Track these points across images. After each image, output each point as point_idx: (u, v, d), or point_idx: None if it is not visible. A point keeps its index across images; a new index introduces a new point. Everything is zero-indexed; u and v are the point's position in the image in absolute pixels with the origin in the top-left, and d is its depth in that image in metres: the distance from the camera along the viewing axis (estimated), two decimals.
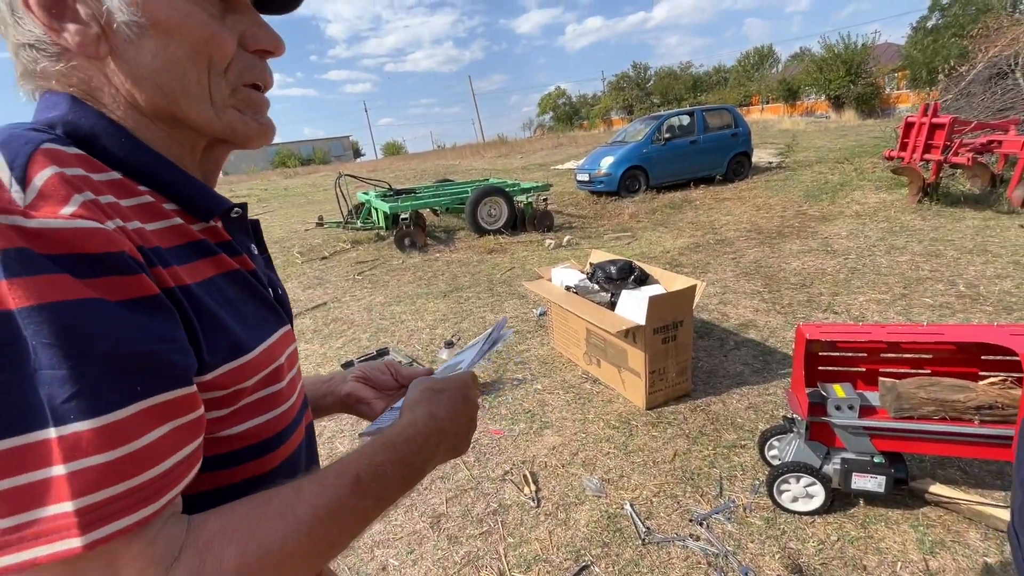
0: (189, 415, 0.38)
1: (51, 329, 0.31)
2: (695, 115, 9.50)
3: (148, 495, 0.34)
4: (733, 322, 3.51)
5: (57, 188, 0.34)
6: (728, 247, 5.42)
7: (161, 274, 0.39)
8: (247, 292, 0.49)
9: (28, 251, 0.32)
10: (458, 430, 0.55)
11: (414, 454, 0.49)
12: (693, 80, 46.17)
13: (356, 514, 0.44)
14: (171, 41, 0.44)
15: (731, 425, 2.38)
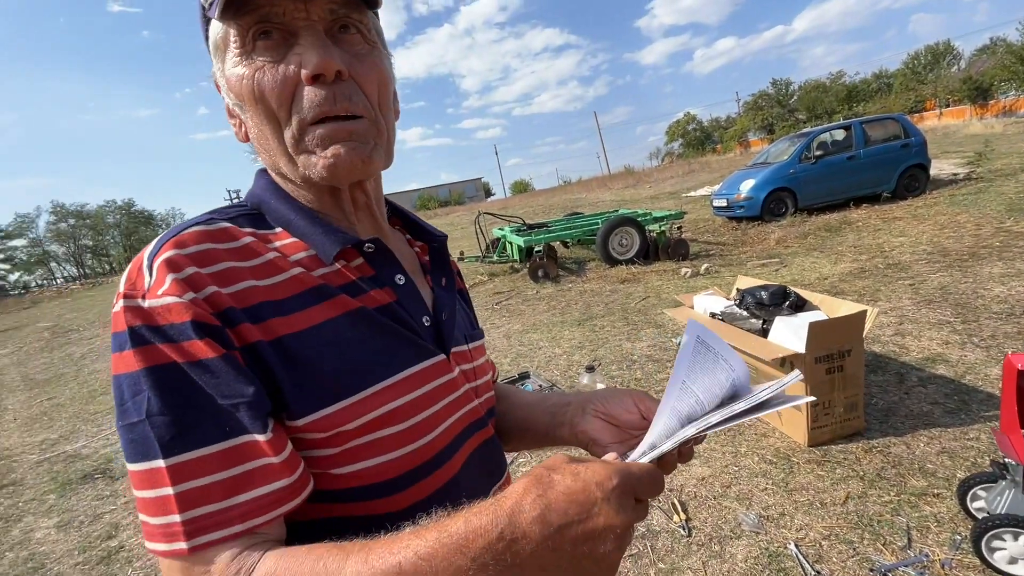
0: (257, 460, 0.42)
1: (151, 387, 0.41)
2: (852, 128, 8.56)
3: (230, 518, 0.41)
4: (915, 355, 3.06)
5: (162, 271, 0.43)
6: (903, 272, 4.74)
7: (247, 330, 0.44)
8: (372, 329, 0.50)
9: (141, 328, 0.42)
10: (569, 545, 0.36)
11: (475, 553, 0.35)
12: (847, 90, 41.47)
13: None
14: (249, 109, 0.49)
15: (919, 470, 2.08)
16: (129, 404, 0.41)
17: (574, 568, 0.36)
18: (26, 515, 2.93)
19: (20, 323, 13.49)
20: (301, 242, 0.51)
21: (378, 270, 0.54)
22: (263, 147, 0.51)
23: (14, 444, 4.19)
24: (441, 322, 0.57)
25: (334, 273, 0.50)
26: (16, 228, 51.15)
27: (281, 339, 0.45)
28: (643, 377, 3.39)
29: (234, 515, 0.41)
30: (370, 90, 0.50)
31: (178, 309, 0.42)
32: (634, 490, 0.37)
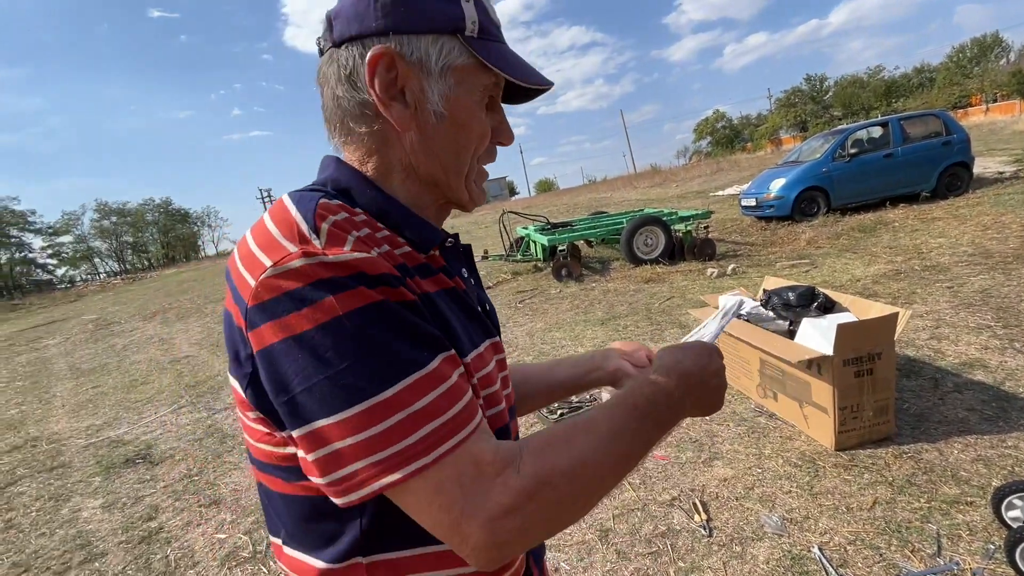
0: (461, 377, 0.48)
1: (357, 328, 0.42)
2: (889, 125, 8.28)
3: (464, 419, 0.46)
4: (951, 360, 2.96)
5: (336, 233, 0.46)
6: (941, 274, 4.57)
7: (414, 284, 0.50)
8: (461, 307, 0.57)
9: (338, 277, 0.43)
10: (705, 382, 0.61)
11: (671, 390, 0.57)
12: (885, 86, 39.99)
13: (640, 435, 0.53)
14: (460, 132, 0.57)
15: (951, 478, 2.02)
16: (330, 355, 0.42)
17: (708, 396, 0.62)
18: (74, 495, 3.11)
19: (67, 315, 14.19)
20: (392, 231, 0.54)
21: (449, 263, 0.60)
22: (437, 156, 0.58)
23: (63, 429, 4.43)
24: (488, 311, 0.65)
25: (431, 259, 0.57)
26: (63, 225, 53.71)
27: (430, 295, 0.53)
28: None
29: (463, 417, 0.46)
30: None
31: (375, 262, 0.45)
32: (718, 351, 0.66)
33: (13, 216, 47.11)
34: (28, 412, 5.18)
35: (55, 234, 52.83)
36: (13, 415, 5.16)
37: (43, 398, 5.65)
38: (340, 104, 0.56)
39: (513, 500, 0.44)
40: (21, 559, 2.51)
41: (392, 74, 0.53)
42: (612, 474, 0.51)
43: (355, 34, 0.53)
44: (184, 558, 2.32)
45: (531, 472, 0.45)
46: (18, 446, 4.15)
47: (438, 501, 0.43)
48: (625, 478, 0.56)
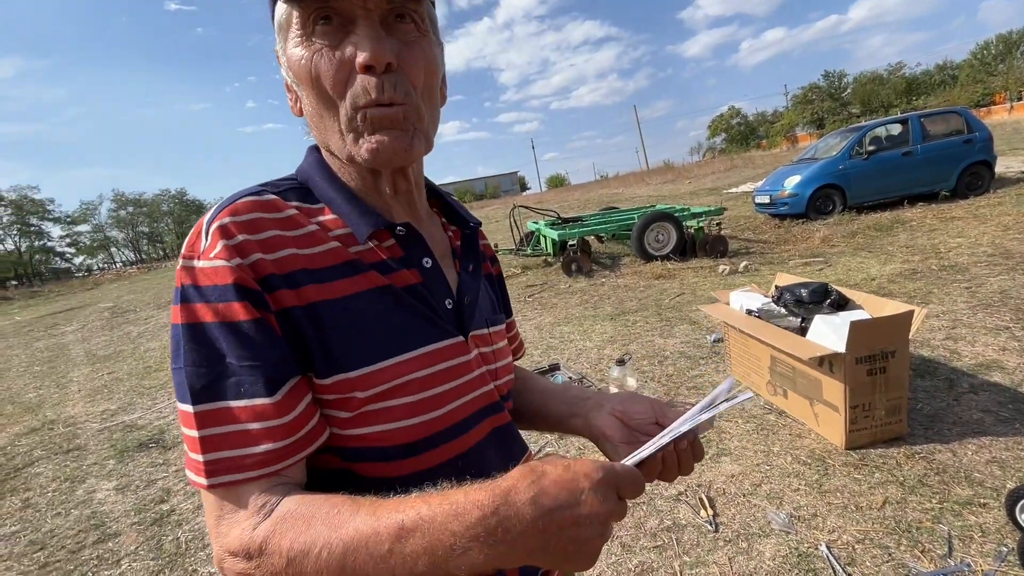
0: (262, 421, 0.46)
1: (186, 340, 0.46)
2: (909, 122, 8.12)
3: (244, 465, 0.45)
4: (967, 361, 2.91)
5: (215, 236, 0.47)
6: (959, 274, 4.49)
7: (284, 295, 0.48)
8: (396, 306, 0.53)
9: (189, 287, 0.47)
10: (555, 528, 0.39)
11: (470, 523, 0.39)
12: (906, 83, 39.22)
13: (391, 558, 0.40)
14: (305, 88, 0.52)
15: (964, 479, 1.99)
16: (175, 352, 0.47)
17: (558, 551, 0.40)
18: (89, 477, 3.17)
19: (84, 303, 14.45)
20: (340, 219, 0.54)
21: (407, 252, 0.57)
22: (316, 124, 0.54)
23: (79, 413, 4.52)
24: (463, 305, 0.60)
25: (367, 251, 0.54)
26: (81, 215, 54.59)
27: (314, 304, 0.49)
28: (675, 373, 3.36)
29: (248, 463, 0.46)
30: (416, 79, 0.52)
31: (223, 272, 0.46)
32: (617, 486, 0.42)
33: (33, 205, 47.98)
34: (46, 396, 5.29)
35: (73, 223, 53.73)
36: (31, 399, 5.28)
37: (60, 383, 5.77)
38: None
39: (241, 549, 0.44)
40: (37, 538, 2.57)
41: (283, 71, 0.56)
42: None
43: None
44: (195, 540, 2.36)
45: (261, 535, 0.43)
46: (36, 428, 4.24)
47: (207, 513, 0.48)
48: None
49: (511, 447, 0.65)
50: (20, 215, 46.96)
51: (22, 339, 9.65)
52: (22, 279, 39.49)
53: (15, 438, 4.08)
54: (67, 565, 2.31)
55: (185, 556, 2.26)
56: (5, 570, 2.34)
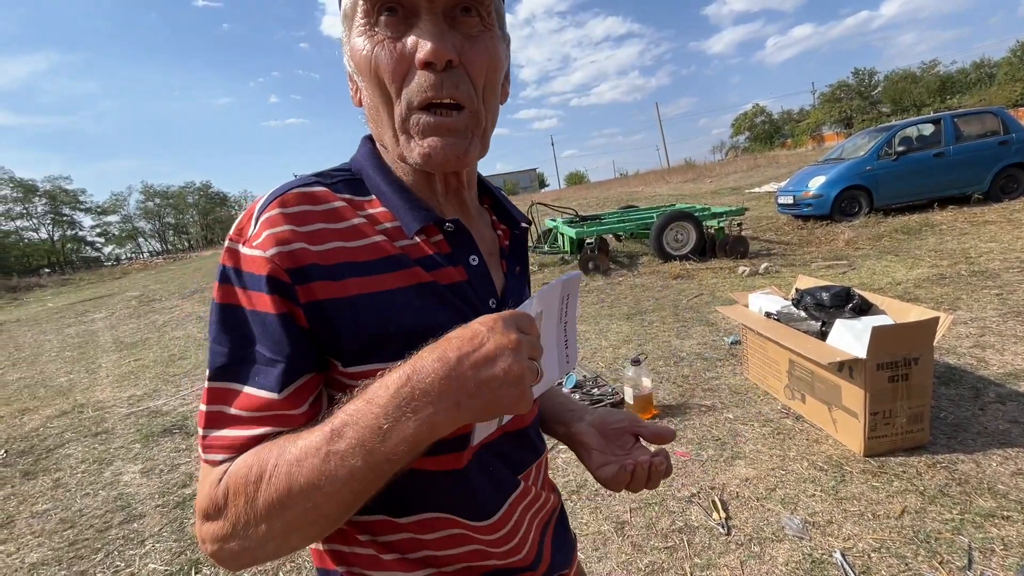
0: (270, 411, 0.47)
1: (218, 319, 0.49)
2: (942, 122, 7.87)
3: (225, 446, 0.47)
4: (995, 370, 2.83)
5: (264, 225, 0.48)
6: (990, 280, 4.35)
7: (324, 287, 0.48)
8: (438, 303, 0.53)
9: (231, 269, 0.48)
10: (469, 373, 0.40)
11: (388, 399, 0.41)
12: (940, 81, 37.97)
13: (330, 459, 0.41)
14: (365, 80, 0.51)
15: (987, 491, 1.94)
16: (211, 326, 0.50)
17: (483, 394, 0.41)
18: (116, 460, 3.29)
19: (112, 291, 14.90)
20: (389, 212, 0.54)
21: (455, 249, 0.56)
22: (372, 117, 0.55)
23: (107, 398, 4.67)
24: (507, 307, 0.58)
25: (413, 246, 0.54)
26: (111, 205, 56.16)
27: (354, 297, 0.49)
28: (691, 374, 3.33)
29: (239, 443, 0.47)
30: (477, 77, 0.51)
31: (260, 262, 0.47)
32: (515, 321, 0.43)
33: (66, 195, 49.50)
34: (76, 380, 5.49)
35: (103, 213, 55.30)
36: (63, 383, 5.48)
37: (90, 368, 5.97)
38: None
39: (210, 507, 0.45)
40: (67, 516, 2.67)
41: (346, 58, 0.56)
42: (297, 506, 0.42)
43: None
44: None
45: (224, 482, 0.45)
46: (66, 411, 4.40)
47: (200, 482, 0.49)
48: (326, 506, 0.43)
49: (533, 443, 0.67)
50: (54, 205, 48.52)
51: (54, 325, 10.00)
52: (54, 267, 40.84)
53: (47, 420, 4.24)
54: (95, 543, 2.41)
55: None
56: (37, 546, 2.44)
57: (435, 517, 0.55)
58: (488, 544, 0.58)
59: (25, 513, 2.76)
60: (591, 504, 2.20)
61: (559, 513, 0.71)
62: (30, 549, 2.42)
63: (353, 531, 0.56)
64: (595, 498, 2.23)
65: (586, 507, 2.18)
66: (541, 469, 0.69)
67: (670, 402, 2.99)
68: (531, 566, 0.63)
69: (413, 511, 0.55)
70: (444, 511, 0.55)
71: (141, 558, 2.26)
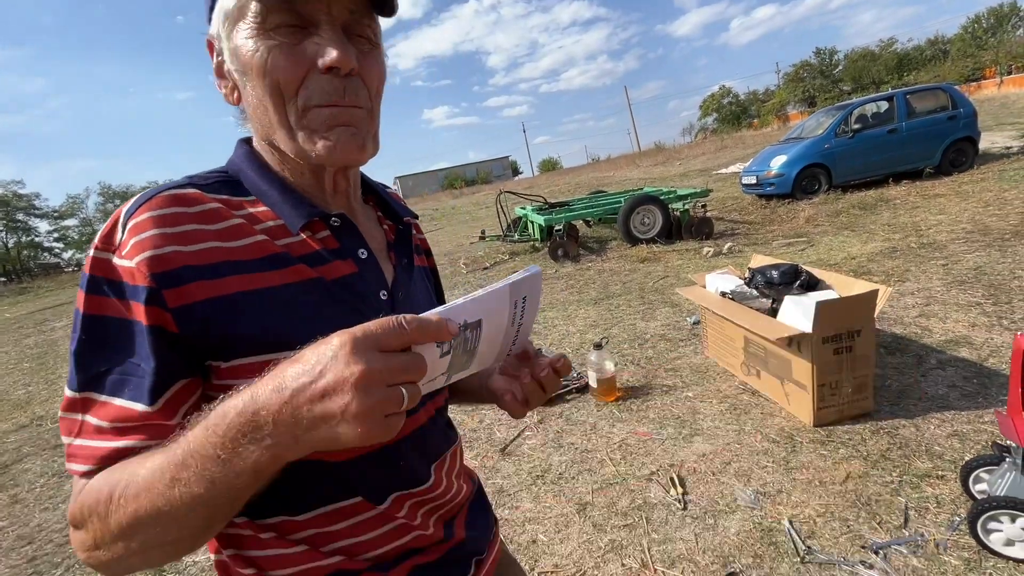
0: (134, 422, 0.47)
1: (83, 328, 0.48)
2: (895, 99, 8.12)
3: (91, 457, 0.47)
4: (938, 338, 2.97)
5: (131, 232, 0.48)
6: (937, 251, 4.54)
7: (199, 287, 0.48)
8: (324, 298, 0.54)
9: (98, 278, 0.48)
10: (305, 404, 0.37)
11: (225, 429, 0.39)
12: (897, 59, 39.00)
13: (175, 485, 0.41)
14: (253, 80, 0.52)
15: (925, 452, 2.05)
16: (73, 335, 0.49)
17: (317, 428, 0.37)
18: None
19: (73, 298, 14.34)
20: (271, 211, 0.55)
21: (342, 243, 0.57)
22: (259, 117, 0.54)
23: None
24: (397, 298, 0.61)
25: (298, 243, 0.54)
26: (68, 208, 53.78)
27: (234, 295, 0.49)
28: (654, 356, 3.40)
29: (101, 454, 0.47)
30: (371, 86, 0.55)
31: (129, 271, 0.47)
32: (367, 344, 0.37)
33: (19, 200, 47.23)
34: (34, 393, 5.30)
35: (60, 217, 52.92)
36: (20, 396, 5.28)
37: (49, 379, 5.77)
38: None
39: (74, 517, 0.46)
40: (25, 532, 2.60)
41: (218, 57, 0.56)
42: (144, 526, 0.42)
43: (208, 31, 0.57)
44: None
45: (82, 498, 0.45)
46: (24, 425, 4.26)
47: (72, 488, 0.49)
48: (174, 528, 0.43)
49: (446, 430, 0.69)
50: (6, 211, 46.27)
51: (12, 336, 9.60)
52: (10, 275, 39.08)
53: (3, 435, 4.10)
54: (54, 558, 2.35)
55: None
56: None
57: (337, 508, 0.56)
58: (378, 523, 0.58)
59: None
60: (554, 488, 2.24)
61: (472, 500, 0.73)
62: None
63: (256, 532, 0.55)
64: (559, 482, 2.28)
65: (549, 491, 2.22)
66: (456, 458, 0.70)
67: (634, 383, 3.06)
68: (443, 539, 0.64)
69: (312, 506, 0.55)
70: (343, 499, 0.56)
71: None
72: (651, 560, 1.77)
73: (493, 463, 2.51)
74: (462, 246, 9.45)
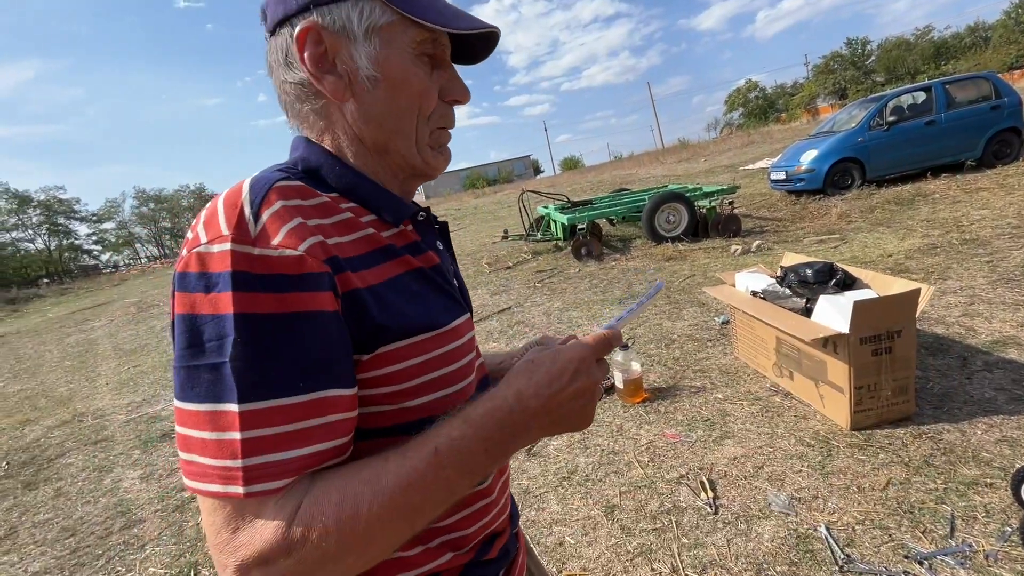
0: (334, 415, 0.45)
1: (241, 332, 0.42)
2: (933, 90, 7.79)
3: (289, 469, 0.42)
4: (983, 338, 2.84)
5: (273, 222, 0.45)
6: (981, 248, 4.34)
7: (350, 278, 0.48)
8: (430, 286, 0.57)
9: (248, 274, 0.42)
10: (557, 407, 0.50)
11: (493, 428, 0.48)
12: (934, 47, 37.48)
13: (438, 483, 0.46)
14: (397, 93, 0.56)
15: (972, 459, 1.96)
16: (209, 345, 0.42)
17: (563, 422, 0.52)
18: (115, 467, 3.32)
19: (111, 298, 14.92)
20: (361, 207, 0.55)
21: (423, 236, 0.61)
22: (382, 123, 0.56)
23: (107, 405, 4.71)
24: (462, 286, 0.66)
25: (397, 235, 0.57)
26: (106, 212, 55.99)
27: (373, 286, 0.50)
28: (681, 356, 3.34)
29: (294, 466, 0.43)
30: None
31: (297, 261, 0.44)
32: (597, 355, 0.54)
33: (61, 205, 49.35)
34: (76, 389, 5.52)
35: (98, 221, 55.10)
36: (63, 392, 5.51)
37: (89, 376, 6.01)
38: (286, 88, 0.57)
39: (277, 549, 0.40)
40: (69, 524, 2.71)
41: (320, 48, 0.53)
42: (396, 526, 0.45)
43: (282, 16, 0.54)
44: None
45: (302, 522, 0.41)
46: (67, 421, 4.44)
47: (209, 521, 0.43)
48: (420, 526, 0.48)
49: None
50: (49, 215, 48.38)
51: (54, 335, 10.03)
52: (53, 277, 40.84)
53: (48, 430, 4.28)
54: (96, 550, 2.44)
55: (204, 541, 2.36)
56: (40, 555, 2.48)
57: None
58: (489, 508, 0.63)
59: (27, 523, 2.80)
60: (581, 490, 2.22)
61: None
62: (32, 558, 2.45)
63: None
64: (585, 484, 2.26)
65: (576, 493, 2.20)
66: None
67: (661, 384, 3.01)
68: (511, 526, 0.69)
69: None
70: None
71: (141, 562, 2.29)
72: (682, 565, 1.73)
73: (519, 463, 2.50)
74: (485, 246, 9.46)
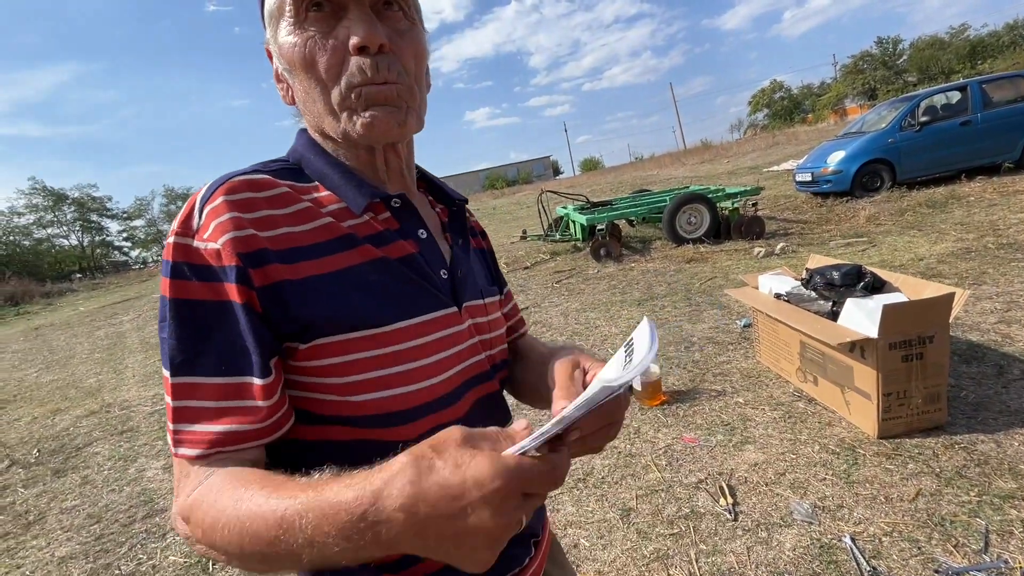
0: (245, 400, 0.48)
1: (173, 314, 0.48)
2: (968, 89, 7.52)
3: (203, 441, 0.47)
4: (1021, 346, 2.71)
5: (210, 216, 0.49)
6: (1019, 252, 4.17)
7: (276, 270, 0.49)
8: (392, 277, 0.55)
9: (182, 264, 0.48)
10: (436, 536, 0.35)
11: (341, 524, 0.36)
12: (970, 46, 36.24)
13: (277, 545, 0.39)
14: (299, 74, 0.54)
15: (1008, 471, 1.87)
16: (161, 323, 0.49)
17: (442, 554, 0.36)
18: (140, 457, 3.40)
19: (140, 294, 15.34)
20: (334, 195, 0.56)
21: (403, 224, 0.59)
22: (308, 108, 0.56)
23: (133, 397, 4.83)
24: (456, 277, 0.62)
25: (362, 224, 0.55)
26: (136, 210, 57.64)
27: (308, 278, 0.50)
28: (701, 359, 3.28)
29: (207, 438, 0.47)
30: (408, 63, 0.55)
31: (216, 253, 0.48)
32: (522, 489, 0.36)
33: (94, 202, 51.00)
34: (104, 381, 5.68)
35: (129, 218, 56.66)
36: (92, 384, 5.68)
37: (117, 369, 6.17)
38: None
39: (180, 512, 0.47)
40: (94, 511, 2.78)
41: (272, 60, 0.59)
42: (249, 559, 0.42)
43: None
44: None
45: (190, 503, 0.46)
46: (95, 411, 4.57)
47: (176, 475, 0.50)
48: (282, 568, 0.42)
49: (495, 414, 0.66)
50: (82, 212, 50.04)
51: (85, 328, 10.35)
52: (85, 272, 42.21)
53: (77, 420, 4.41)
54: (119, 537, 2.50)
55: None
56: (66, 540, 2.54)
57: None
58: None
59: (55, 509, 2.88)
60: (597, 492, 2.19)
61: None
62: (59, 543, 2.52)
63: None
64: (601, 486, 2.23)
65: (592, 495, 2.17)
66: None
67: (680, 387, 2.95)
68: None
69: None
70: None
71: (162, 551, 2.34)
72: (699, 572, 1.69)
73: None
74: (503, 246, 9.45)
